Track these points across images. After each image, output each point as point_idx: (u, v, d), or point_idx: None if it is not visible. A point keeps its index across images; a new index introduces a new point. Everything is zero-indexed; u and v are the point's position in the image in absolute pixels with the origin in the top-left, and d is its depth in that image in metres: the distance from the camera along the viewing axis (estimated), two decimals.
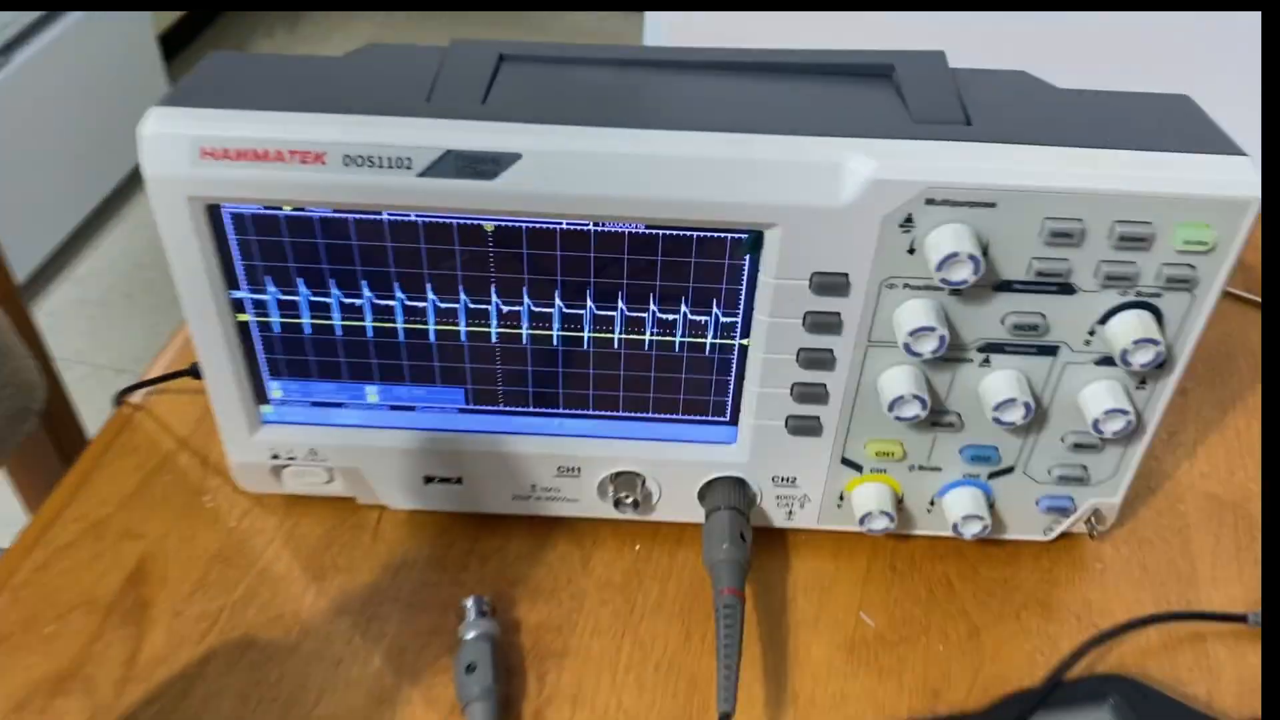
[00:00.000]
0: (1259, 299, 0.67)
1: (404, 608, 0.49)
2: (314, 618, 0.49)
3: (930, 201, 0.40)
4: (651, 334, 0.46)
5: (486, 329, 0.46)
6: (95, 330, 1.82)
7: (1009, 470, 0.49)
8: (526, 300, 0.45)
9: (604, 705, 0.46)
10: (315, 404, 0.49)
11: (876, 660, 0.48)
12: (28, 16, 1.73)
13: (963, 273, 0.40)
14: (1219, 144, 0.41)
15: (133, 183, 2.11)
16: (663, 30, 0.91)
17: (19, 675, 0.46)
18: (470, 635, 0.46)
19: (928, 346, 0.42)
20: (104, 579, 0.50)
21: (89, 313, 1.86)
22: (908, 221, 0.40)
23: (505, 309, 0.45)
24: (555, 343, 0.46)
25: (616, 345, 0.46)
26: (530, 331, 0.46)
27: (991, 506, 0.50)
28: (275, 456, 0.50)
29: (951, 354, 0.44)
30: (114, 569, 0.51)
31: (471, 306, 0.45)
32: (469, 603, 0.47)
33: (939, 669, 0.47)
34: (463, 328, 0.46)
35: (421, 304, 0.45)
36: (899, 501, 0.50)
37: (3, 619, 0.48)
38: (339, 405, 0.49)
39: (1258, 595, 0.51)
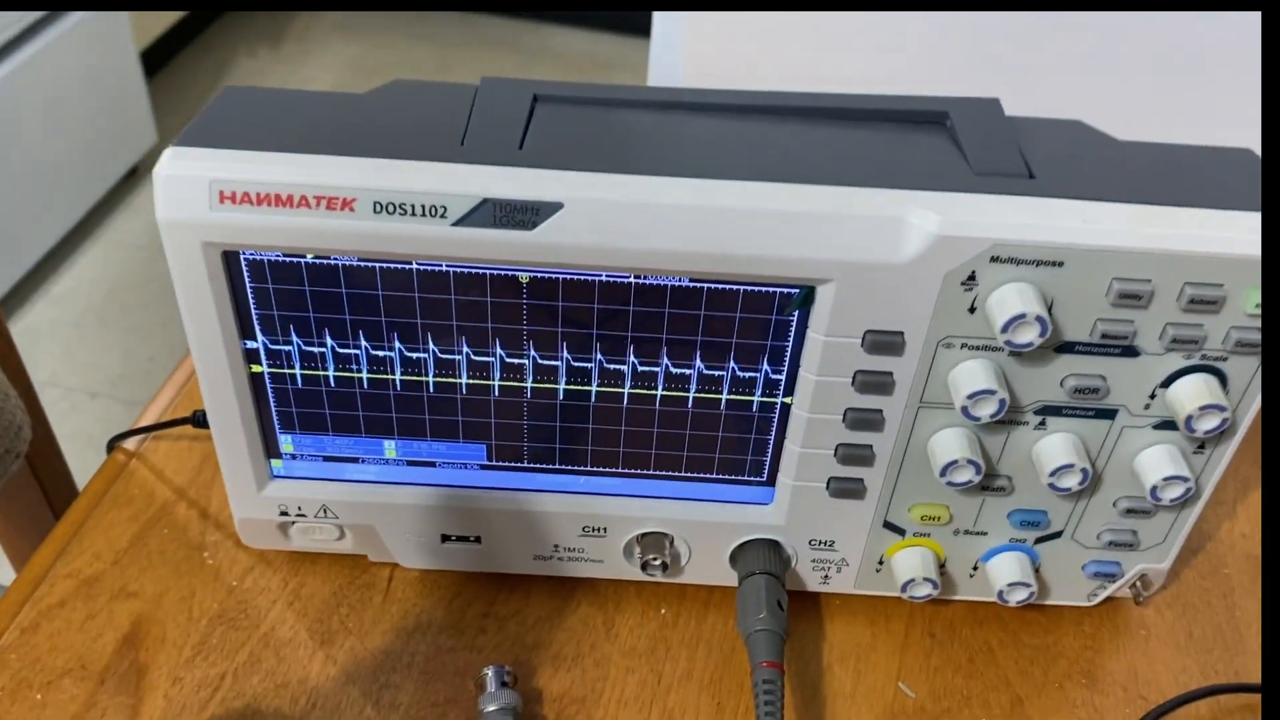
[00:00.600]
0: None
1: (418, 675, 0.46)
2: (322, 685, 0.46)
3: (995, 259, 0.38)
4: (689, 390, 0.43)
5: (515, 383, 0.43)
6: (69, 352, 1.78)
7: (1057, 535, 0.46)
8: (559, 354, 0.42)
9: None
10: (329, 459, 0.46)
11: (896, 701, 0.46)
12: (5, 32, 1.69)
13: (1029, 335, 0.38)
14: None
15: (111, 202, 2.07)
16: (671, 39, 0.88)
17: None
18: (491, 708, 0.44)
19: (987, 410, 0.40)
20: (97, 641, 0.47)
21: (63, 334, 1.82)
22: (970, 279, 0.38)
23: (535, 362, 0.42)
24: (586, 399, 0.43)
25: (651, 402, 0.44)
26: (561, 386, 0.43)
27: (1036, 571, 0.48)
28: (284, 513, 0.47)
29: (1007, 416, 0.42)
30: (108, 630, 0.47)
31: (499, 360, 0.42)
32: (489, 673, 0.44)
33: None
34: (491, 381, 0.43)
35: (449, 357, 0.42)
36: (941, 566, 0.48)
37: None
38: (354, 460, 0.46)
39: None
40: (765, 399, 0.43)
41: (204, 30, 2.65)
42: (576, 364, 0.42)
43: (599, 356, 0.42)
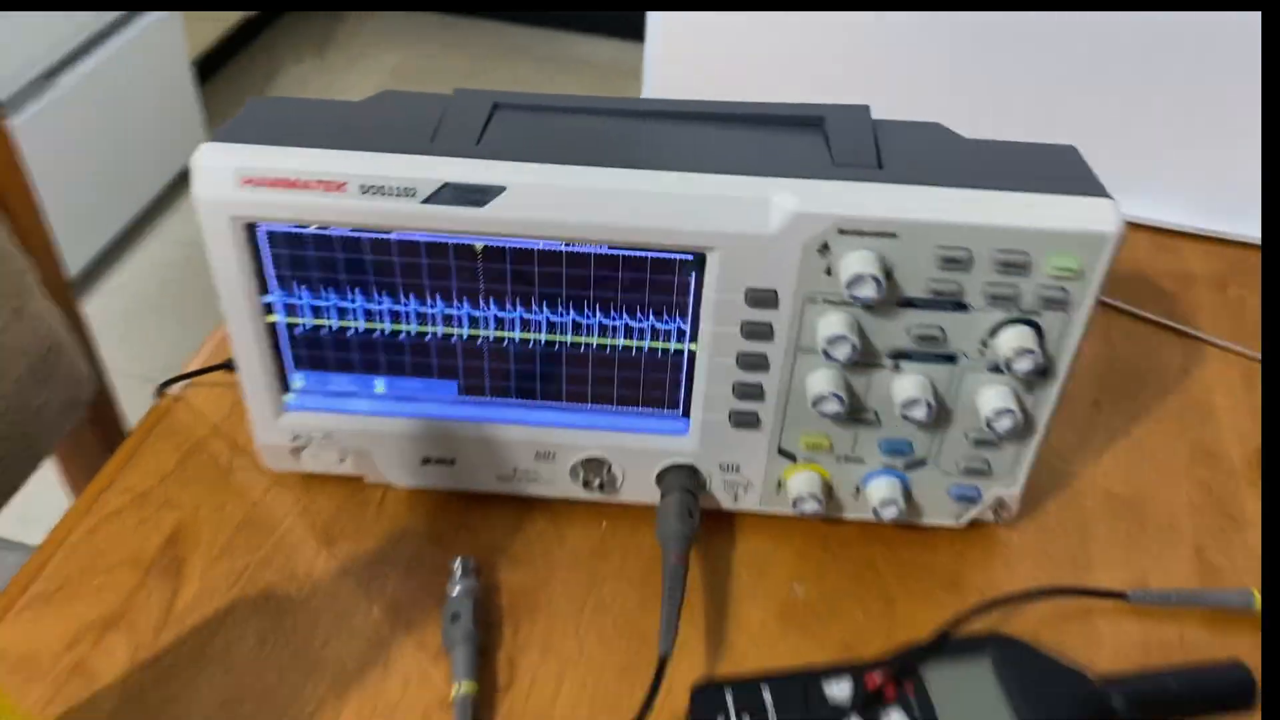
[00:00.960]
0: (1170, 323, 0.75)
1: (401, 570, 0.57)
2: (323, 577, 0.57)
3: (843, 231, 0.48)
4: (614, 339, 0.54)
5: (475, 331, 0.54)
6: (122, 343, 1.92)
7: (922, 462, 0.57)
8: (510, 307, 0.53)
9: (568, 652, 0.54)
10: (331, 393, 0.57)
11: (803, 625, 0.56)
12: (71, 42, 1.84)
13: (868, 291, 0.48)
14: (1090, 188, 0.49)
15: (164, 202, 2.21)
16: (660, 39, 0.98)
17: (73, 618, 0.55)
18: (456, 591, 0.54)
19: (842, 352, 0.51)
20: (146, 540, 0.59)
21: (117, 325, 1.96)
22: (824, 248, 0.49)
23: (491, 315, 0.53)
24: (533, 344, 0.54)
25: (584, 348, 0.54)
26: (512, 335, 0.54)
27: (909, 495, 0.58)
28: (296, 438, 0.58)
29: (867, 360, 0.52)
30: (154, 532, 0.59)
31: (463, 313, 0.53)
32: (456, 563, 0.55)
33: (856, 632, 0.55)
34: (456, 330, 0.54)
35: (422, 309, 0.53)
36: (829, 488, 0.58)
37: (60, 571, 0.57)
38: (352, 394, 0.57)
39: (1140, 578, 0.58)
40: (676, 346, 0.54)
41: (253, 40, 2.79)
42: (524, 316, 0.53)
43: (542, 310, 0.53)
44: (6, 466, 0.70)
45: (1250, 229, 0.82)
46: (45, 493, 0.89)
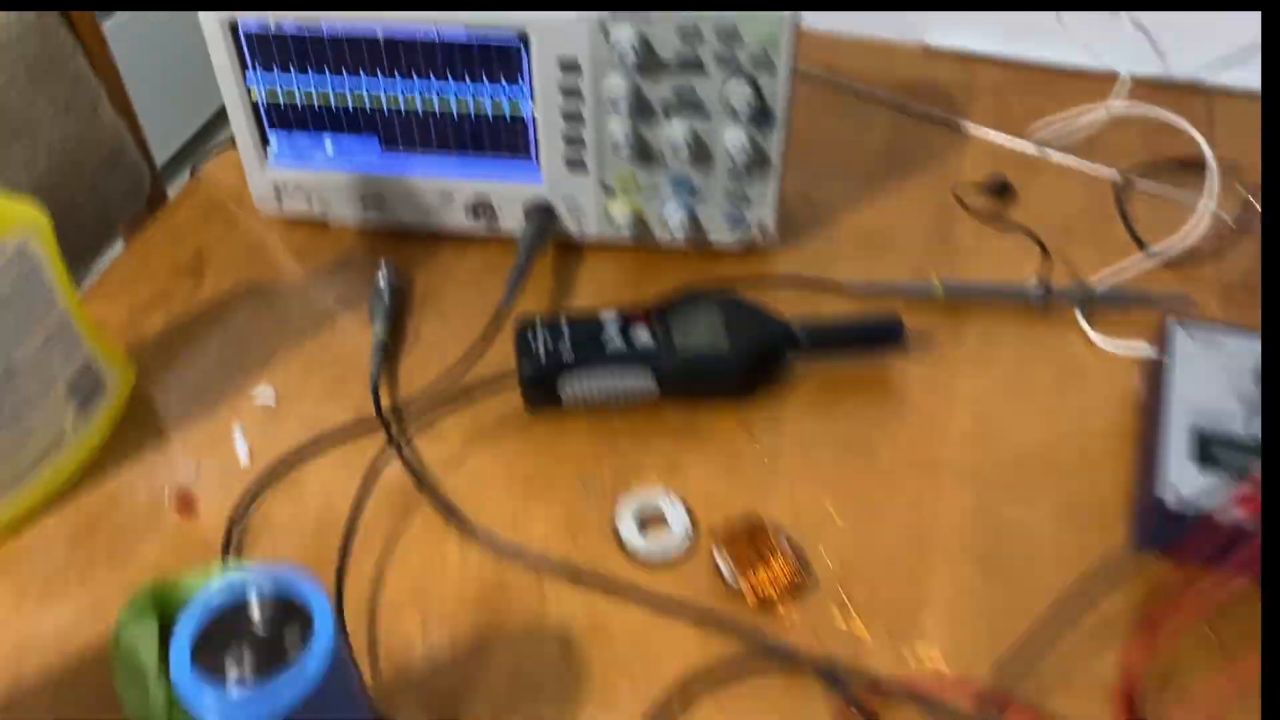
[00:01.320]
0: (948, 117, 0.97)
1: (349, 275, 0.84)
2: (296, 279, 0.84)
3: (615, 16, 0.72)
4: (482, 105, 0.79)
5: (385, 99, 0.80)
6: None
7: (700, 194, 0.81)
8: (406, 80, 0.78)
9: (456, 322, 0.80)
10: (298, 152, 0.84)
11: (617, 298, 0.81)
12: None
13: (632, 57, 0.73)
14: None
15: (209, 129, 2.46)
16: None
17: (128, 300, 0.82)
18: (381, 279, 0.81)
19: (624, 106, 0.75)
20: (179, 257, 0.86)
21: None
22: (604, 30, 0.73)
23: (394, 86, 0.79)
24: (426, 109, 0.80)
25: (461, 112, 0.80)
26: (410, 103, 0.79)
27: (696, 220, 0.82)
28: (276, 185, 0.85)
29: (645, 111, 0.76)
30: (185, 252, 0.86)
31: (368, 85, 0.79)
32: (381, 261, 0.82)
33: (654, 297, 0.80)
34: (371, 98, 0.80)
35: (348, 85, 0.79)
36: (641, 217, 0.83)
37: (123, 275, 0.85)
38: (311, 154, 0.83)
39: (870, 278, 0.82)
40: (525, 111, 0.79)
41: None
42: (422, 87, 0.79)
43: (429, 81, 0.78)
44: (87, 236, 0.99)
45: (1032, 50, 1.04)
46: None
